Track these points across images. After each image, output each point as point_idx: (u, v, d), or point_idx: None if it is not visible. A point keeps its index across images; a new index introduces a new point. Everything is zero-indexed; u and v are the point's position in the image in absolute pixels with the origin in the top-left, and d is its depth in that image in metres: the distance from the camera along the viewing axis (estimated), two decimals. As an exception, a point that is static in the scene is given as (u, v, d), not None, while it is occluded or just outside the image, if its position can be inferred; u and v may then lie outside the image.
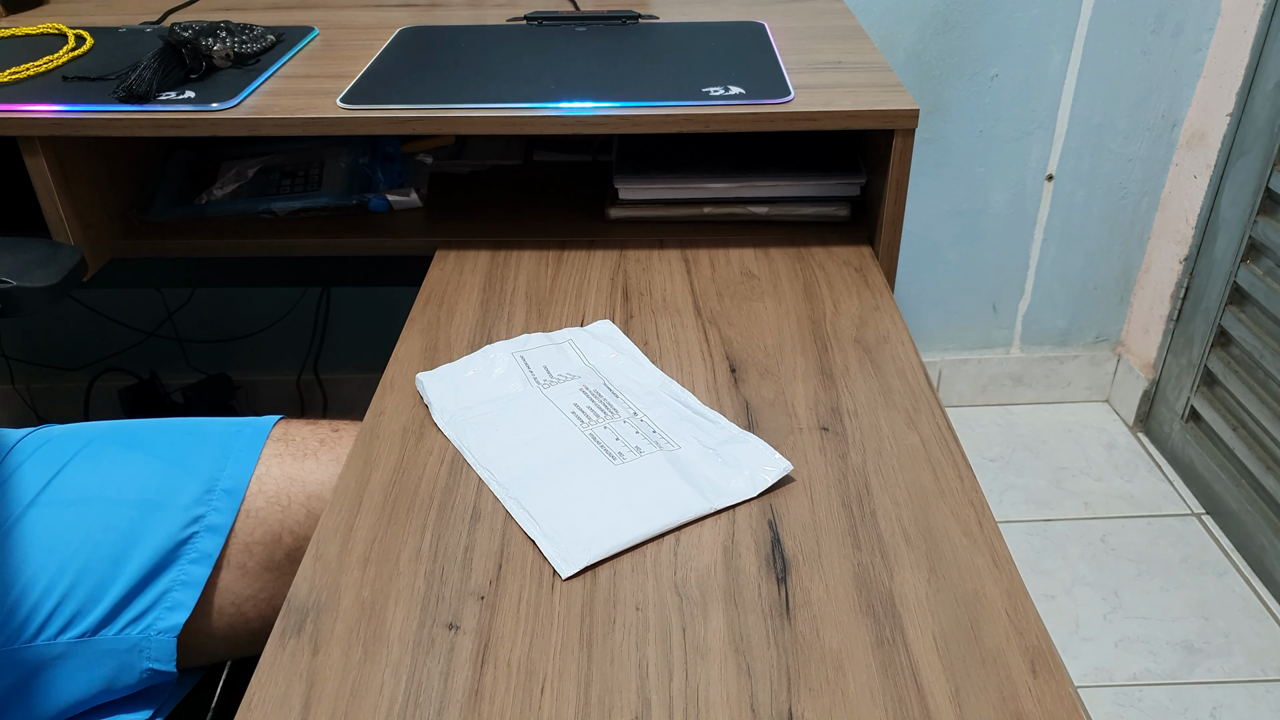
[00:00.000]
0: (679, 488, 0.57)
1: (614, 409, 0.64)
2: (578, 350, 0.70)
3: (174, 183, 1.00)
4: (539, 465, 0.59)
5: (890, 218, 0.84)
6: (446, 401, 0.65)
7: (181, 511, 0.63)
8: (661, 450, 0.60)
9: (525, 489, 0.58)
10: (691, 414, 0.63)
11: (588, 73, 0.89)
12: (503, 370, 0.68)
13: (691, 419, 0.63)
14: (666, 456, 0.59)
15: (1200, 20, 1.38)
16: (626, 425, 0.62)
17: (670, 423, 0.63)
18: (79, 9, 1.14)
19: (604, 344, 0.70)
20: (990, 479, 1.56)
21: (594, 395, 0.65)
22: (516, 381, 0.67)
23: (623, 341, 0.71)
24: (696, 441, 0.61)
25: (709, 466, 0.59)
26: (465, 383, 0.67)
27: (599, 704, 0.46)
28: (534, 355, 0.69)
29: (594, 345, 0.70)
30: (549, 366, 0.68)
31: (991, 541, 0.54)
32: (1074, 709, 0.45)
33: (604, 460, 0.59)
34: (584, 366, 0.68)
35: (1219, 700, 1.20)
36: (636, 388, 0.66)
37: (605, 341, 0.71)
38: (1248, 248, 1.38)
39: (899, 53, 1.40)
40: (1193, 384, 1.51)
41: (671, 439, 0.61)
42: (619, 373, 0.68)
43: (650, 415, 0.63)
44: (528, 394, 0.66)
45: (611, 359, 0.69)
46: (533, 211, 0.96)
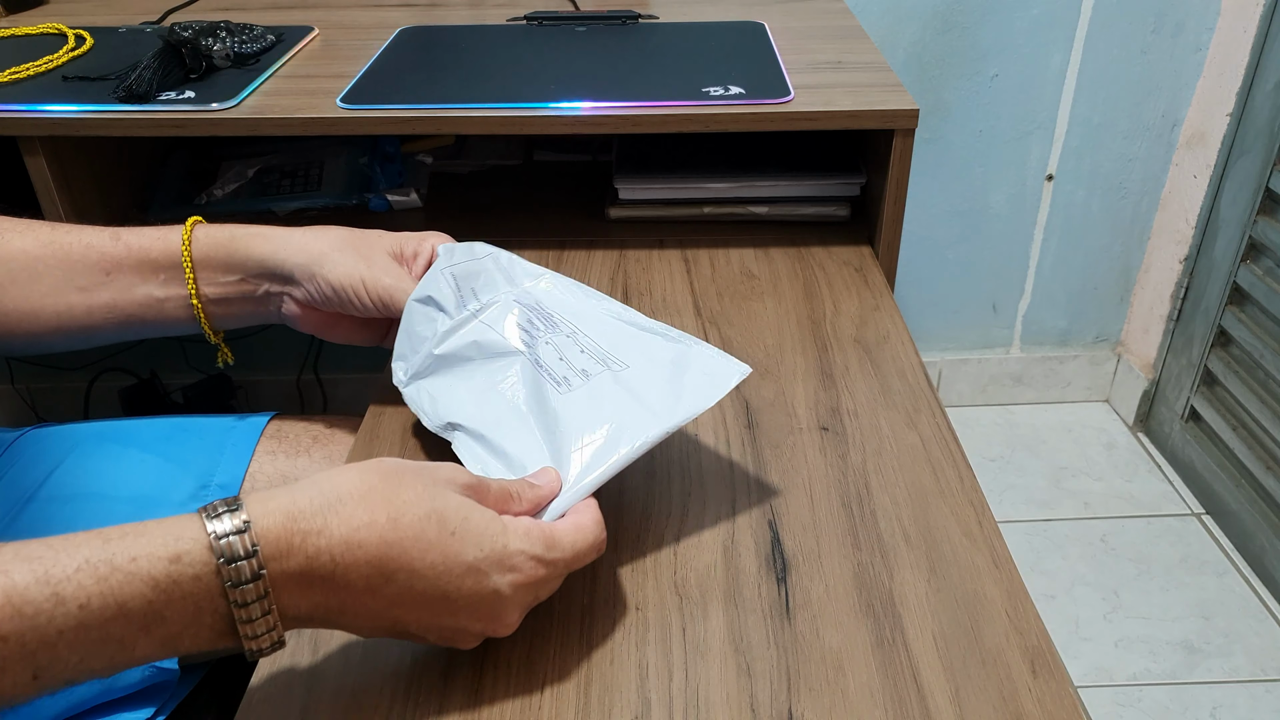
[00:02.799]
0: (631, 411, 0.53)
1: (554, 322, 0.60)
2: (498, 266, 0.64)
3: (174, 183, 1.00)
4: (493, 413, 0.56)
5: (890, 218, 0.84)
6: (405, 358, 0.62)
7: (177, 508, 0.63)
8: (610, 370, 0.56)
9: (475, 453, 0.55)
10: (637, 330, 0.59)
11: (588, 73, 0.89)
12: (435, 295, 0.62)
13: (638, 335, 0.59)
14: (615, 379, 0.55)
15: (1200, 20, 1.38)
16: (570, 342, 0.58)
17: (615, 341, 0.58)
18: (79, 9, 1.14)
19: (523, 265, 0.65)
20: (990, 479, 1.56)
21: (531, 309, 0.61)
22: (451, 308, 0.61)
23: (535, 266, 0.65)
24: (645, 358, 0.57)
25: (660, 382, 0.55)
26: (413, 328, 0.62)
27: (599, 704, 0.46)
28: (461, 273, 0.63)
29: (514, 262, 0.65)
30: (476, 289, 0.63)
31: (991, 541, 0.54)
32: (1074, 709, 0.45)
33: (551, 390, 0.55)
34: (511, 286, 0.63)
35: (1219, 700, 1.20)
36: (567, 306, 0.62)
37: (523, 265, 0.65)
38: (1248, 248, 1.38)
39: (899, 53, 1.40)
40: (1193, 384, 1.51)
41: (618, 356, 0.57)
42: (545, 293, 0.63)
43: (592, 333, 0.59)
44: (463, 322, 0.60)
45: (534, 280, 0.64)
46: (533, 211, 0.96)
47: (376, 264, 0.60)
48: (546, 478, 0.50)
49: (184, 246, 0.60)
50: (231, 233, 0.60)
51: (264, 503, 0.41)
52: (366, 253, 0.61)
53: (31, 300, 0.58)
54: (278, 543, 0.40)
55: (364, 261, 0.60)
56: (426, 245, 0.64)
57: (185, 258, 0.60)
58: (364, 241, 0.61)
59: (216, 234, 0.60)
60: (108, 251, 0.59)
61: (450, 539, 0.43)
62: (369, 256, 0.60)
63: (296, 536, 0.40)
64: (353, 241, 0.61)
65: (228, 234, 0.60)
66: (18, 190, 0.87)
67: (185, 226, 0.60)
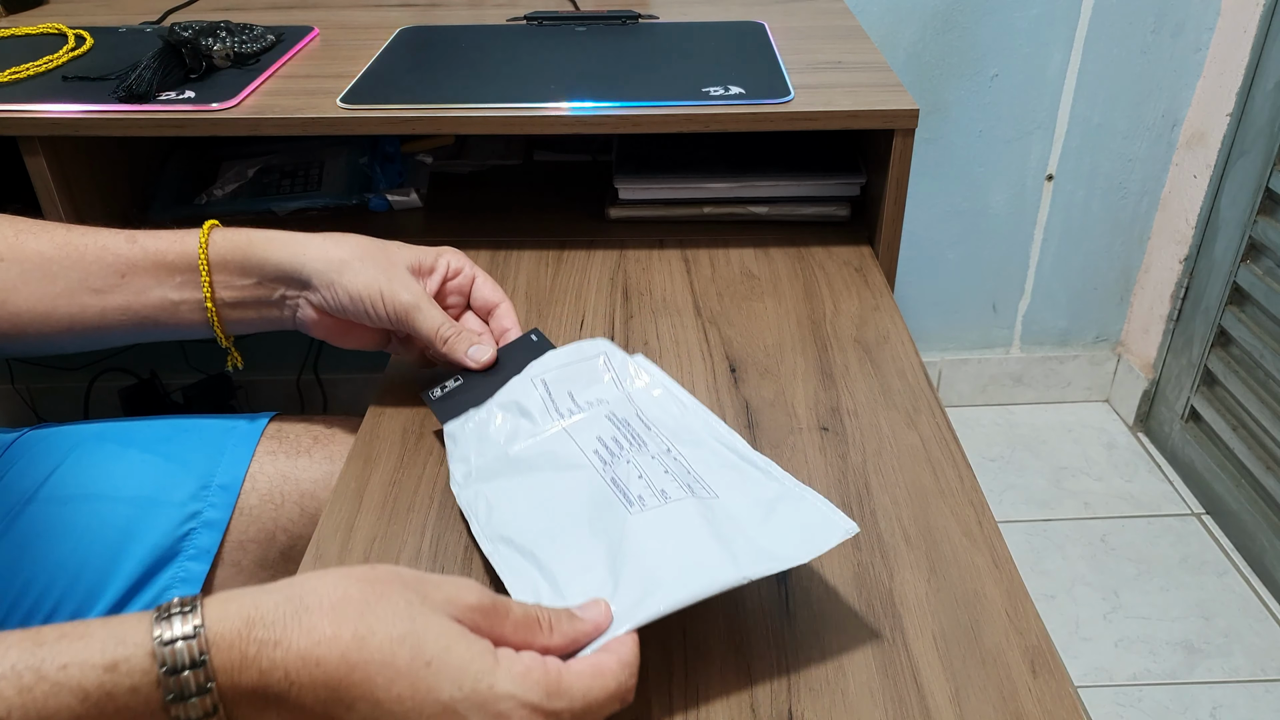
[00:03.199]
0: (707, 548, 0.45)
1: (643, 441, 0.54)
2: (609, 365, 0.61)
3: (174, 183, 1.00)
4: (548, 531, 0.49)
5: (890, 218, 0.84)
6: (461, 461, 0.57)
7: (178, 508, 0.64)
8: (694, 496, 0.49)
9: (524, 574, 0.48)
10: (739, 460, 0.52)
11: (588, 73, 0.89)
12: (522, 401, 0.59)
13: (739, 466, 0.51)
14: (698, 505, 0.48)
15: (1200, 20, 1.38)
16: (655, 462, 0.52)
17: (711, 467, 0.51)
18: (79, 9, 1.14)
19: (640, 368, 0.61)
20: (990, 479, 1.56)
21: (622, 424, 0.55)
22: (535, 415, 0.58)
23: (658, 371, 0.61)
24: (741, 493, 0.49)
25: (751, 524, 0.47)
26: (486, 430, 0.58)
27: (599, 704, 0.46)
28: (556, 377, 0.60)
29: (626, 363, 0.61)
30: (573, 391, 0.59)
31: (991, 541, 0.54)
32: (1074, 709, 0.45)
33: (620, 509, 0.49)
34: (615, 388, 0.59)
35: (1219, 700, 1.20)
36: (673, 422, 0.55)
37: (641, 367, 0.61)
38: (1248, 248, 1.38)
39: (899, 53, 1.40)
40: (1193, 384, 1.51)
41: (708, 483, 0.50)
42: (651, 401, 0.58)
43: (686, 454, 0.52)
44: (544, 431, 0.57)
45: (646, 385, 0.59)
46: (533, 211, 0.96)
47: (396, 278, 0.60)
48: (594, 612, 0.43)
49: (201, 250, 0.59)
50: (249, 237, 0.60)
51: (224, 604, 0.37)
52: (386, 265, 0.60)
53: (45, 301, 0.58)
54: (230, 651, 0.35)
55: (384, 274, 0.59)
56: (442, 261, 0.64)
57: (202, 261, 0.59)
58: (384, 253, 0.61)
59: (234, 237, 0.60)
60: (123, 254, 0.59)
61: (424, 669, 0.36)
62: (389, 269, 0.60)
63: (252, 646, 0.35)
64: (373, 252, 0.60)
65: (245, 238, 0.60)
66: (18, 190, 0.87)
67: (203, 229, 0.60)
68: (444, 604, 0.39)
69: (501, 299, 0.66)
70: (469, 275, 0.66)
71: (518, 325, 0.66)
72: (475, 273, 0.66)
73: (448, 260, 0.64)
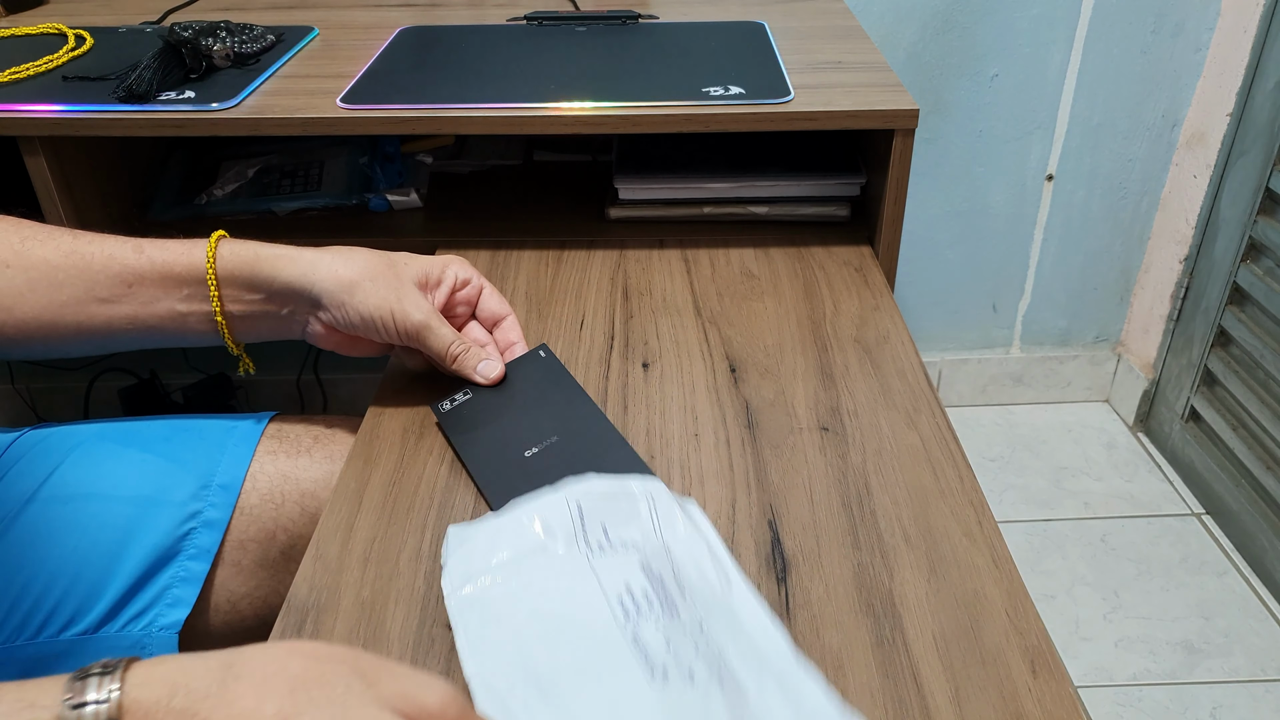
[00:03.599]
0: None
1: (675, 608, 0.47)
2: (652, 509, 0.53)
3: (174, 183, 1.00)
4: (547, 669, 0.44)
5: (890, 218, 0.84)
6: (464, 562, 0.51)
7: (178, 507, 0.64)
8: (722, 689, 0.43)
9: (520, 705, 0.43)
10: (776, 656, 0.46)
11: (588, 73, 0.89)
12: (547, 518, 0.52)
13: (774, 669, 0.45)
14: (726, 701, 0.43)
15: (1200, 20, 1.38)
16: (685, 637, 0.46)
17: (743, 656, 0.45)
18: (79, 9, 1.14)
19: (684, 517, 0.53)
20: (990, 479, 1.56)
21: (656, 579, 0.49)
22: (560, 537, 0.51)
23: (705, 524, 0.53)
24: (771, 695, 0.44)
25: None
26: (498, 535, 0.52)
27: (599, 704, 0.46)
28: (593, 505, 0.53)
29: (673, 512, 0.53)
30: (608, 525, 0.52)
31: (991, 541, 0.54)
32: (1074, 709, 0.45)
33: (640, 674, 0.44)
34: (653, 536, 0.51)
35: (1219, 700, 1.20)
36: (711, 595, 0.48)
37: (687, 515, 0.54)
38: (1248, 248, 1.38)
39: (899, 53, 1.40)
40: (1193, 384, 1.51)
41: (739, 678, 0.44)
42: (693, 562, 0.50)
43: (718, 635, 0.46)
44: (567, 558, 0.50)
45: (689, 540, 0.52)
46: (533, 211, 0.96)
47: (406, 296, 0.60)
48: None
49: (209, 264, 0.59)
50: (257, 252, 0.60)
51: (151, 668, 0.34)
52: (395, 283, 0.61)
53: (51, 309, 0.58)
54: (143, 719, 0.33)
55: (394, 293, 0.60)
56: (450, 272, 0.65)
57: (210, 275, 0.59)
58: (392, 270, 0.61)
59: (242, 252, 0.60)
60: (130, 264, 0.59)
61: None
62: (398, 287, 0.60)
63: (169, 716, 0.33)
64: (382, 270, 0.61)
65: (253, 253, 0.60)
66: (18, 190, 0.87)
67: (210, 242, 0.60)
68: (394, 698, 0.35)
69: (508, 312, 0.68)
70: (476, 286, 0.67)
71: (523, 339, 0.68)
72: (482, 284, 0.67)
73: (455, 271, 0.65)
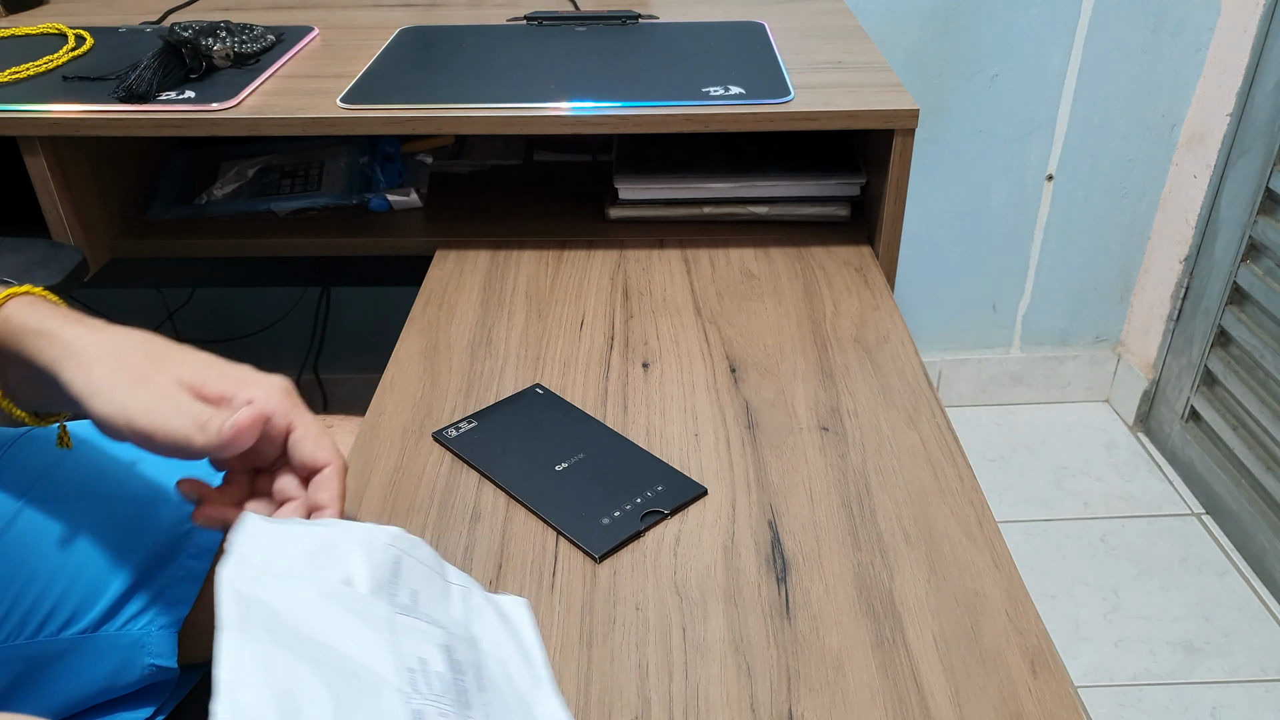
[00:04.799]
0: None
1: (468, 703, 0.41)
2: (466, 600, 0.48)
3: (174, 183, 1.00)
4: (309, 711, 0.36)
5: (890, 218, 0.84)
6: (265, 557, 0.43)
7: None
8: None
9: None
10: None
11: (588, 73, 0.89)
12: (364, 554, 0.45)
13: None
14: None
15: (1200, 20, 1.38)
16: None
17: None
18: (79, 9, 1.14)
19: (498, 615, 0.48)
20: (990, 479, 1.56)
21: (455, 666, 0.42)
22: (368, 579, 0.44)
23: (526, 625, 0.49)
24: None
25: None
26: (309, 546, 0.44)
27: (599, 704, 0.46)
28: (412, 568, 0.46)
29: (486, 610, 0.48)
30: (419, 594, 0.45)
31: (991, 541, 0.54)
32: (1074, 709, 0.45)
33: None
34: (461, 625, 0.46)
35: (1219, 700, 1.20)
36: (512, 692, 0.44)
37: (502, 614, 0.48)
38: (1248, 248, 1.38)
39: (899, 53, 1.40)
40: (1193, 384, 1.51)
41: None
42: (499, 660, 0.45)
43: None
44: (371, 602, 0.43)
45: (499, 636, 0.47)
46: (533, 211, 0.96)
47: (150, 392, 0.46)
48: None
49: None
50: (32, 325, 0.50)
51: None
52: (145, 377, 0.47)
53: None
54: None
55: (135, 393, 0.46)
56: (244, 394, 0.48)
57: None
58: (149, 363, 0.48)
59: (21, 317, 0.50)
60: None
61: None
62: (147, 381, 0.47)
63: None
64: (136, 362, 0.48)
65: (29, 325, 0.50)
66: (18, 190, 0.87)
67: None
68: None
69: (330, 460, 0.49)
70: (281, 425, 0.48)
71: (339, 501, 0.49)
72: (295, 421, 0.49)
73: (250, 397, 0.48)
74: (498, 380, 0.69)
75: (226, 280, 1.32)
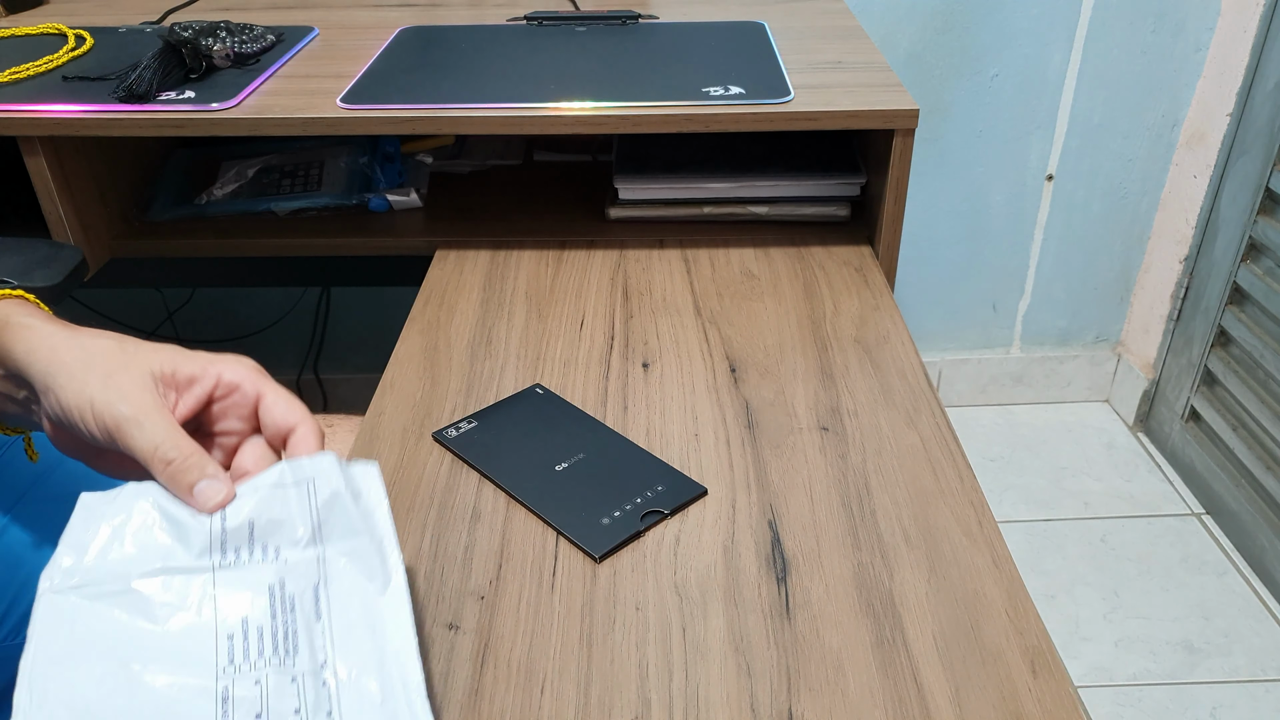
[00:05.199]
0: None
1: (294, 647, 0.39)
2: (311, 498, 0.44)
3: (174, 183, 1.00)
4: None
5: (890, 217, 0.84)
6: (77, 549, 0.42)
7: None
8: None
9: None
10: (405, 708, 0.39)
11: (588, 73, 0.89)
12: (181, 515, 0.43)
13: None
14: None
15: (1200, 20, 1.38)
16: (293, 687, 0.38)
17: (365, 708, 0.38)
18: (79, 9, 1.14)
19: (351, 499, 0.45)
20: (990, 479, 1.56)
21: (284, 606, 0.40)
22: (195, 540, 0.42)
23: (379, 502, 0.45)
24: None
25: None
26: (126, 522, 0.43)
27: (599, 704, 0.46)
28: (245, 501, 0.44)
29: (336, 500, 0.44)
30: (256, 524, 0.43)
31: (991, 541, 0.54)
32: (1074, 709, 0.45)
33: None
34: (301, 546, 0.43)
35: (1219, 700, 1.20)
36: (357, 617, 0.41)
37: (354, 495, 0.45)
38: (1248, 247, 1.38)
39: (899, 53, 1.40)
40: (1193, 384, 1.51)
41: None
42: (342, 575, 0.42)
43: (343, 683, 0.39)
44: (189, 577, 0.41)
45: (347, 532, 0.44)
46: (533, 211, 0.96)
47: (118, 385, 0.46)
48: None
49: None
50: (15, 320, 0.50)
51: None
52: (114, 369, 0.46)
53: None
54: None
55: (102, 381, 0.46)
56: (211, 371, 0.48)
57: None
58: (123, 356, 0.47)
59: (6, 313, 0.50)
60: None
61: None
62: (113, 374, 0.46)
63: None
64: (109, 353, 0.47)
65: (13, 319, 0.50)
66: (18, 190, 0.88)
67: None
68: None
69: (301, 419, 0.48)
70: (250, 393, 0.48)
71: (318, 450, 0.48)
72: (264, 388, 0.49)
73: (219, 371, 0.48)
74: (498, 380, 0.69)
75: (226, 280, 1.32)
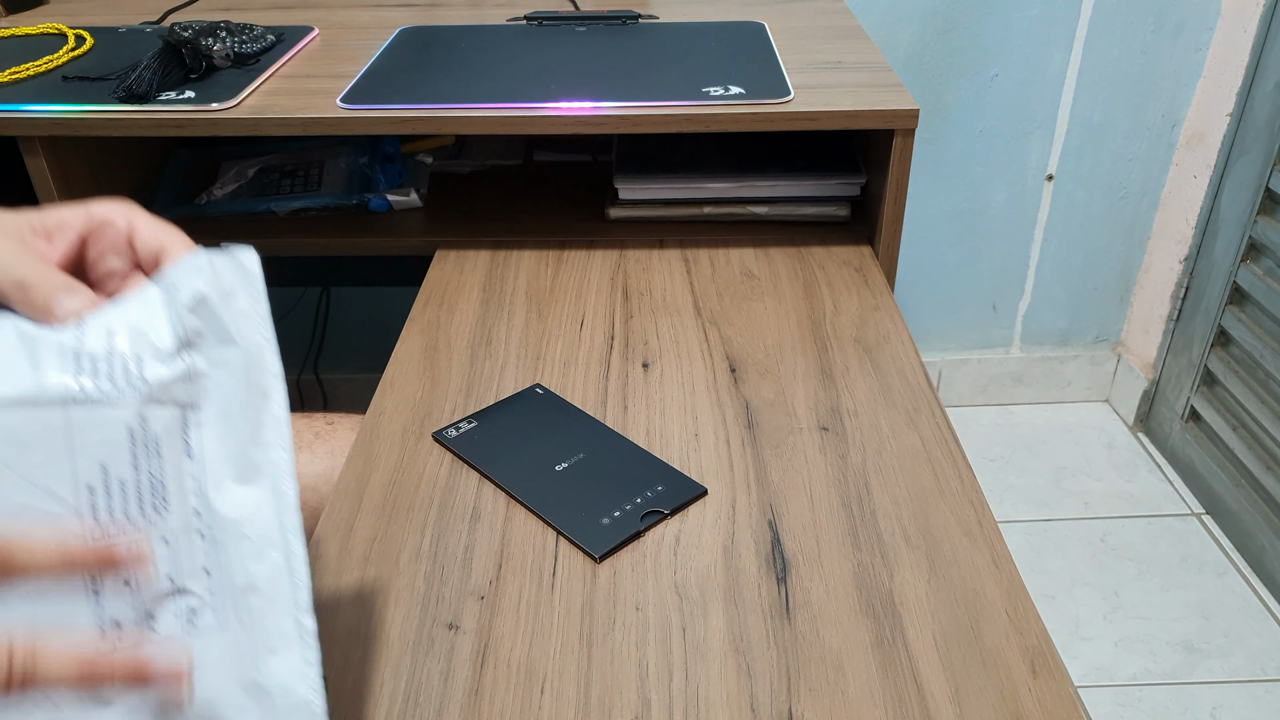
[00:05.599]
0: None
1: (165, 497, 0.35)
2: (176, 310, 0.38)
3: (174, 183, 1.00)
4: None
5: (890, 218, 0.84)
6: None
7: None
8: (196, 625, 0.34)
9: None
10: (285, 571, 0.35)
11: (588, 73, 0.89)
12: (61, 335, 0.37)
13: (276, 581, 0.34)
14: None
15: (1200, 20, 1.38)
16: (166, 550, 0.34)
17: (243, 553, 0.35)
18: (79, 9, 1.14)
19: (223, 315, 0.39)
20: (990, 479, 1.56)
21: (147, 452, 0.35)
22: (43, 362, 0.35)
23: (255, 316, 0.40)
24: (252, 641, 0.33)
25: None
26: None
27: (599, 704, 0.46)
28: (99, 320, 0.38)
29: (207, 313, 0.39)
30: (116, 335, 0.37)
31: (991, 541, 0.54)
32: (1074, 709, 0.45)
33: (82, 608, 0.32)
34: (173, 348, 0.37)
35: (1219, 700, 1.20)
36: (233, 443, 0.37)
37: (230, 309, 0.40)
38: (1248, 247, 1.38)
39: (899, 53, 1.40)
40: (1193, 384, 1.51)
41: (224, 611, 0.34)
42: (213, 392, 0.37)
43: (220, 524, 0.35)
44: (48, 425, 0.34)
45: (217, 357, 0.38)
46: (533, 211, 0.96)
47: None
48: None
49: None
50: None
51: None
52: None
53: None
54: None
55: None
56: (78, 215, 0.45)
57: None
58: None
59: None
60: None
61: None
62: None
63: None
64: None
65: None
66: (18, 190, 0.88)
67: None
68: None
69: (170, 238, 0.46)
70: (122, 225, 0.46)
71: None
72: (135, 218, 0.46)
73: (88, 209, 0.46)
74: (498, 380, 0.69)
75: (226, 280, 1.31)
